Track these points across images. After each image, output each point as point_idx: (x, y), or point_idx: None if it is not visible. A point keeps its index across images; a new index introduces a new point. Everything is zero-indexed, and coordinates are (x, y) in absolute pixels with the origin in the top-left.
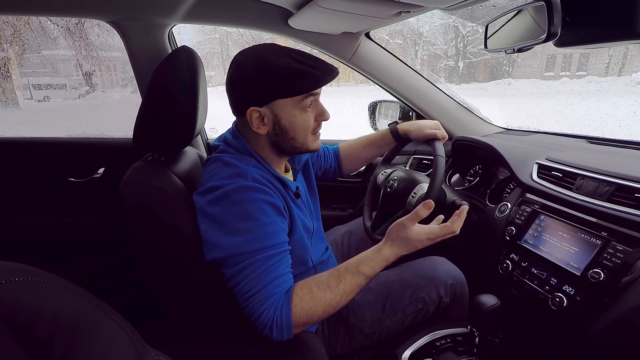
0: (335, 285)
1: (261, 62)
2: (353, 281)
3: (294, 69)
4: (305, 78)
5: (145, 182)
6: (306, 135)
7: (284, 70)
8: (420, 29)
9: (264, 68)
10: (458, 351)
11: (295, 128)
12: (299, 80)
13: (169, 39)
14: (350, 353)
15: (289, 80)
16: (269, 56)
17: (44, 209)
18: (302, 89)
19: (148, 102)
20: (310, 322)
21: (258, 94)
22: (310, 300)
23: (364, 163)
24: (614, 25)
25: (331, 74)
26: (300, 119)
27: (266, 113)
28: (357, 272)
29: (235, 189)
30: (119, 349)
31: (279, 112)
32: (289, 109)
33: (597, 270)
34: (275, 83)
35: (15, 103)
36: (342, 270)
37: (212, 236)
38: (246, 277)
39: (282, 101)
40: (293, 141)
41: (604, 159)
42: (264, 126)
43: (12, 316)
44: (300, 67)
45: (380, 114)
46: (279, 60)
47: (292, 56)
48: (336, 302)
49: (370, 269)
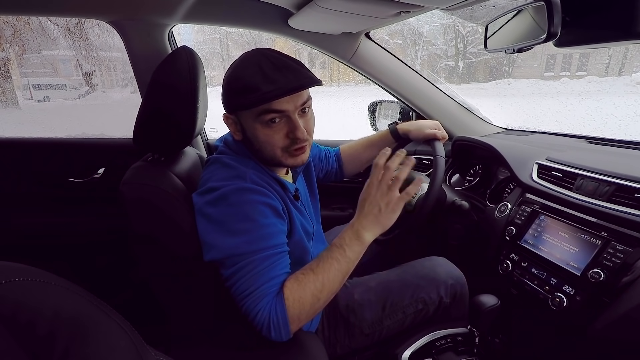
0: (315, 266)
1: (228, 71)
2: (328, 255)
3: (245, 83)
4: (251, 92)
5: (145, 182)
6: (273, 151)
7: (237, 82)
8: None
9: (226, 78)
10: (458, 351)
11: (258, 141)
12: (245, 95)
13: (169, 39)
14: (351, 353)
15: (237, 94)
16: (237, 65)
17: (44, 209)
18: (245, 103)
19: (148, 102)
20: (304, 312)
21: (224, 101)
22: (298, 287)
23: (365, 164)
24: (614, 26)
25: (290, 90)
26: (262, 133)
27: (235, 121)
28: (330, 246)
29: (234, 190)
30: (119, 349)
31: (242, 122)
32: (250, 121)
33: (597, 270)
34: (228, 94)
35: (15, 103)
36: (321, 253)
37: (210, 237)
38: (242, 277)
39: (244, 113)
40: (261, 153)
41: (604, 159)
42: (238, 132)
43: (12, 316)
44: (252, 80)
45: (380, 114)
46: (243, 71)
47: (261, 66)
48: (320, 283)
49: (339, 238)
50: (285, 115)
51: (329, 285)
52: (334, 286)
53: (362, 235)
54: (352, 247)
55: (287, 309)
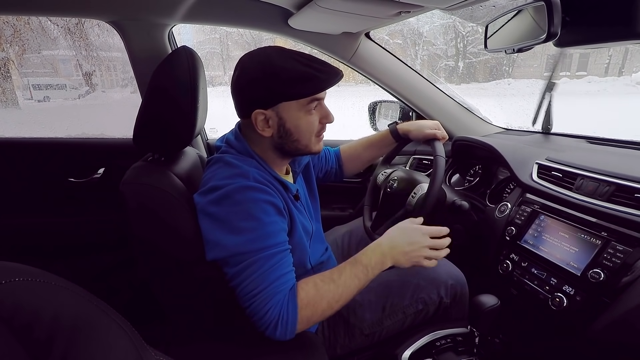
0: (337, 277)
1: (267, 65)
2: (352, 271)
3: (299, 72)
4: (309, 81)
5: (145, 182)
6: (310, 138)
7: (289, 73)
8: (420, 29)
9: (269, 71)
10: (458, 351)
11: (299, 131)
12: (303, 84)
13: (169, 39)
14: (351, 353)
15: (294, 84)
16: (275, 59)
17: (44, 209)
18: (306, 92)
19: (148, 102)
20: (315, 317)
21: (263, 96)
22: (316, 294)
23: (365, 164)
24: (614, 25)
25: (336, 76)
26: (305, 121)
27: (271, 116)
28: (355, 262)
29: (237, 188)
30: (119, 348)
31: (284, 114)
32: (294, 111)
33: (597, 270)
34: (280, 86)
35: (15, 103)
36: (343, 264)
37: (213, 236)
38: (249, 277)
39: (287, 104)
40: (297, 143)
41: (604, 159)
42: (268, 129)
43: (12, 316)
44: (306, 70)
45: (380, 114)
46: (285, 62)
47: (297, 59)
48: (339, 294)
49: (367, 258)
50: (320, 103)
51: (345, 298)
52: (348, 299)
53: (387, 264)
54: (374, 271)
55: (299, 309)
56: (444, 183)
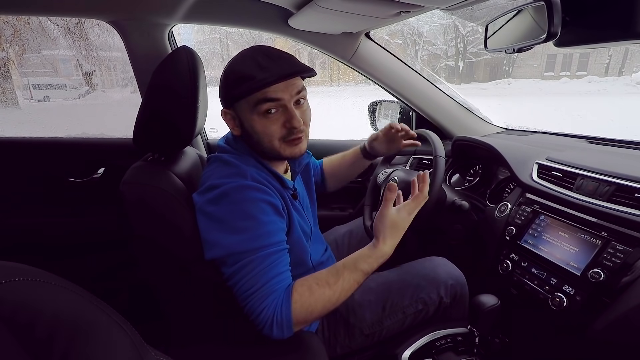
0: (334, 282)
1: (226, 66)
2: (351, 277)
3: (241, 73)
4: (246, 81)
5: (145, 182)
6: (272, 142)
7: (234, 74)
8: (420, 29)
9: (223, 73)
10: (458, 351)
11: (257, 132)
12: (241, 84)
13: (169, 39)
14: (350, 353)
15: (235, 84)
16: (234, 60)
17: (44, 209)
18: (240, 93)
19: (148, 102)
20: (310, 319)
21: (221, 96)
22: (310, 296)
23: (342, 183)
24: (614, 26)
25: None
26: (260, 124)
27: (234, 115)
28: (355, 269)
29: (235, 187)
30: (119, 348)
31: (240, 115)
32: (247, 113)
33: (597, 270)
34: (226, 86)
35: (15, 103)
36: (340, 267)
37: (211, 235)
38: (245, 276)
39: (240, 105)
40: (260, 146)
41: (604, 159)
42: (237, 127)
43: (13, 316)
44: (248, 70)
45: (380, 114)
46: (239, 65)
47: (255, 59)
48: (335, 298)
49: (368, 265)
50: (282, 105)
51: (342, 300)
52: (344, 300)
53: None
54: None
55: (292, 311)
56: (444, 183)
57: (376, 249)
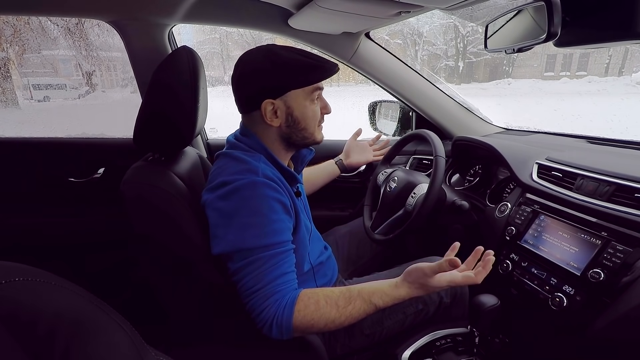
0: (343, 305)
1: (274, 57)
2: (361, 308)
3: (305, 62)
4: (315, 69)
5: (145, 182)
6: (315, 126)
7: (296, 62)
8: (420, 29)
9: (278, 62)
10: (458, 351)
11: (306, 118)
12: (310, 72)
13: (169, 39)
14: (350, 353)
15: (302, 72)
16: (279, 51)
17: (44, 209)
18: (313, 79)
19: (148, 102)
20: (310, 331)
21: (272, 86)
22: (315, 311)
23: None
24: (614, 26)
25: (334, 67)
26: (310, 109)
27: (279, 105)
28: (369, 302)
29: (246, 184)
30: (119, 348)
31: (291, 103)
32: (301, 100)
33: (597, 270)
34: (289, 75)
35: (15, 103)
36: (355, 294)
37: (220, 230)
38: (251, 273)
39: (295, 93)
40: (304, 132)
41: (604, 159)
42: (277, 119)
43: (13, 316)
44: (309, 60)
45: (380, 114)
46: (289, 55)
47: (297, 52)
48: (339, 322)
49: (383, 302)
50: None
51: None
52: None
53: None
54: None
55: (294, 319)
56: (444, 183)
57: (396, 290)
